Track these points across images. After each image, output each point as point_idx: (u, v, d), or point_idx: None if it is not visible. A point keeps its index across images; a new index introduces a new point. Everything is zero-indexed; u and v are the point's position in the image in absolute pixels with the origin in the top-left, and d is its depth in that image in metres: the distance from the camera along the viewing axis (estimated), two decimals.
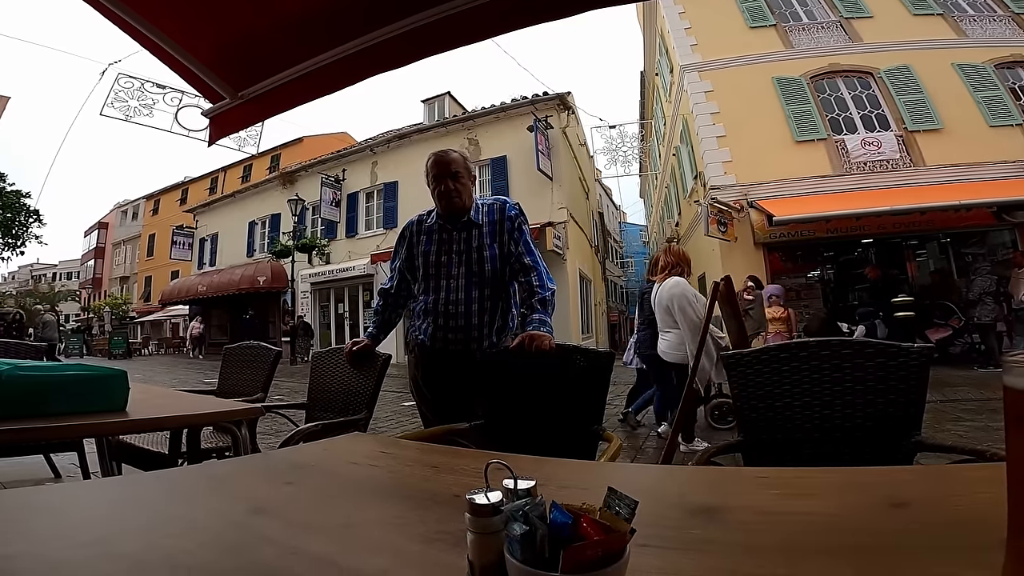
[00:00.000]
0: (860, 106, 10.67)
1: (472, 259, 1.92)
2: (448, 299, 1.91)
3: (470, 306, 1.89)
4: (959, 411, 4.54)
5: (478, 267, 1.91)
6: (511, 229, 1.95)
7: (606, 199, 30.30)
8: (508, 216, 1.96)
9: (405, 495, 0.82)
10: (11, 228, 19.97)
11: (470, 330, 1.89)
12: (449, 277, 1.93)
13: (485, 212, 1.98)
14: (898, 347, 1.30)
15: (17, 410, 1.26)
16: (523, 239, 1.96)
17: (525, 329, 1.79)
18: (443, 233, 1.98)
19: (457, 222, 1.96)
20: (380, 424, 4.97)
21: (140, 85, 8.65)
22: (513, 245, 1.94)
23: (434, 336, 1.92)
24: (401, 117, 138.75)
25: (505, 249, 1.94)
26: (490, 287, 1.92)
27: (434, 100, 17.59)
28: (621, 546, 0.41)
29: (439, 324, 1.91)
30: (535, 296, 1.86)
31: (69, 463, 2.67)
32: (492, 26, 1.47)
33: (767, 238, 9.90)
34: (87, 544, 0.59)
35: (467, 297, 1.90)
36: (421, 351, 1.98)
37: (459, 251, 1.94)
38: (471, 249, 1.92)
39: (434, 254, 1.97)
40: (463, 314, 1.89)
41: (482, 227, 1.95)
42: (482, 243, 1.93)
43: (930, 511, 0.67)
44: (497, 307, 1.94)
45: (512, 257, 1.94)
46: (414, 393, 2.07)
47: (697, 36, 11.85)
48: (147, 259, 31.20)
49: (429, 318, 1.94)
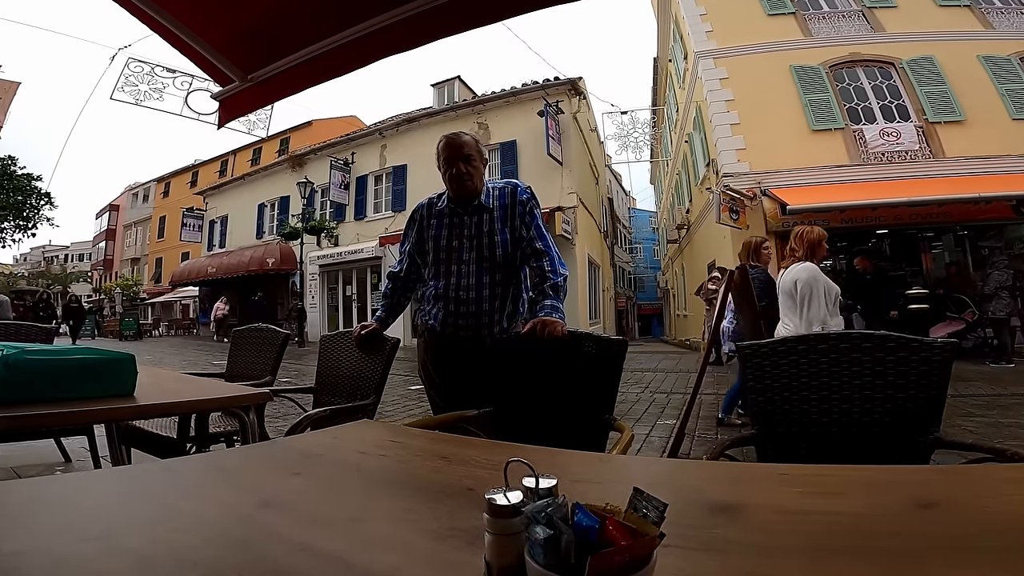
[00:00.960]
0: (880, 96, 10.43)
1: (483, 244, 1.89)
2: (459, 284, 1.89)
3: (481, 292, 1.87)
4: (970, 406, 4.48)
5: (489, 252, 1.88)
6: (522, 213, 1.92)
7: (616, 185, 30.09)
8: (519, 200, 1.93)
9: (416, 487, 0.81)
10: (23, 211, 20.19)
11: (481, 316, 1.87)
12: (460, 262, 1.90)
13: (496, 195, 1.95)
14: (920, 341, 1.27)
15: (24, 395, 1.25)
16: (535, 223, 1.93)
17: (535, 314, 1.77)
18: (454, 217, 1.95)
19: (468, 206, 1.93)
20: (387, 408, 4.99)
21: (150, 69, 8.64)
22: (524, 229, 1.91)
23: (444, 322, 1.90)
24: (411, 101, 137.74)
25: (516, 233, 1.91)
26: (501, 272, 1.90)
27: (444, 84, 17.44)
28: (648, 551, 0.39)
29: (449, 310, 1.90)
30: (547, 281, 1.83)
31: (79, 447, 2.70)
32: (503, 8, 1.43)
33: (780, 227, 9.76)
34: (93, 538, 0.58)
35: (478, 283, 1.87)
36: (431, 336, 1.96)
37: (470, 236, 1.91)
38: (482, 234, 1.90)
39: (444, 239, 1.94)
40: (474, 300, 1.87)
41: (493, 211, 1.92)
42: (493, 227, 1.90)
43: (958, 512, 0.66)
44: (508, 292, 1.91)
45: (524, 241, 1.91)
46: (423, 378, 2.06)
47: (713, 23, 11.60)
48: (158, 241, 31.40)
49: (440, 303, 1.92)
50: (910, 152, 9.76)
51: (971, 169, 9.23)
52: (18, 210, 20.05)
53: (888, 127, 10.04)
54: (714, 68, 11.21)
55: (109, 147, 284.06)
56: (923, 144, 9.78)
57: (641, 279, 34.83)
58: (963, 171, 9.24)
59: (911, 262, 10.08)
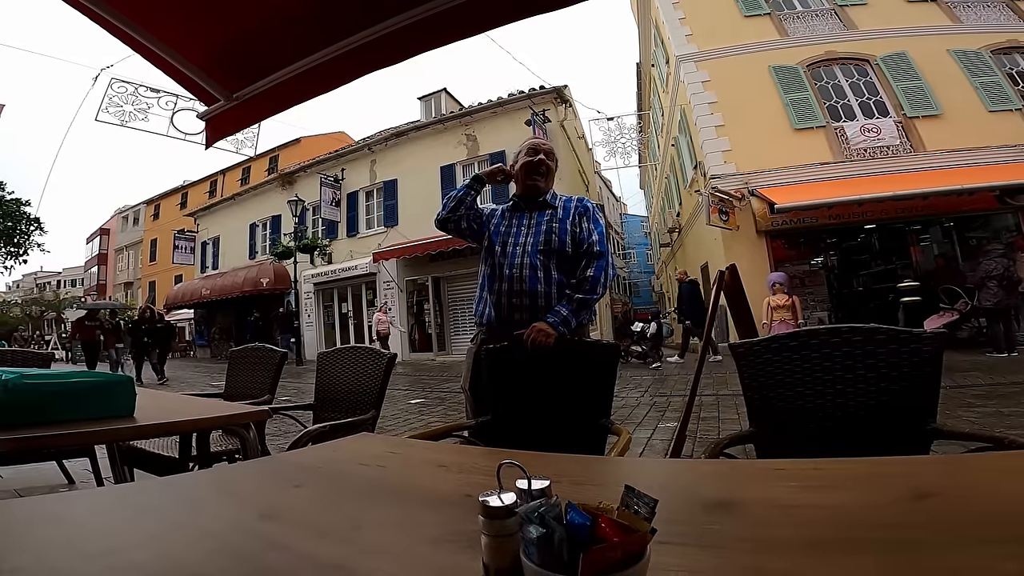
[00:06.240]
0: (858, 93, 10.61)
1: (541, 231, 1.93)
2: (513, 263, 1.90)
3: (535, 273, 1.88)
4: (969, 397, 4.50)
5: (545, 238, 1.91)
6: (590, 218, 1.97)
7: (606, 191, 30.23)
8: (586, 206, 2.00)
9: (415, 496, 0.81)
10: (12, 237, 20.02)
11: (536, 298, 1.87)
12: (516, 245, 1.94)
13: (563, 200, 2.01)
14: (910, 333, 1.28)
15: (24, 418, 1.26)
16: (598, 230, 1.97)
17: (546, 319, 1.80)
18: (516, 210, 2.02)
19: (533, 201, 2.00)
20: (387, 423, 4.96)
21: (134, 89, 8.62)
22: (588, 234, 1.94)
23: (498, 304, 1.92)
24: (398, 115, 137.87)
25: (578, 231, 1.94)
26: (556, 260, 1.91)
27: (430, 97, 17.53)
28: (642, 547, 0.40)
29: (503, 290, 1.91)
30: (580, 291, 1.86)
31: (82, 468, 2.69)
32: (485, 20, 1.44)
33: (769, 226, 9.86)
34: (97, 555, 0.59)
35: (531, 264, 1.89)
36: (488, 331, 1.96)
37: (529, 224, 1.96)
38: (541, 222, 1.95)
39: (504, 226, 2.00)
40: (528, 278, 1.88)
41: (557, 209, 1.97)
42: (552, 222, 1.94)
43: (957, 502, 0.65)
44: (563, 280, 1.91)
45: (584, 244, 1.93)
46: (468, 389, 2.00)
47: (692, 26, 11.79)
48: (150, 264, 31.23)
49: (495, 287, 1.93)
50: (891, 147, 9.91)
51: (952, 162, 9.38)
52: (8, 236, 19.86)
53: (868, 123, 10.20)
54: (696, 71, 11.38)
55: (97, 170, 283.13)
56: (903, 139, 9.94)
57: (636, 284, 34.88)
58: (944, 164, 9.39)
59: (900, 256, 10.17)
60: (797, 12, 11.58)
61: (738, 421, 4.20)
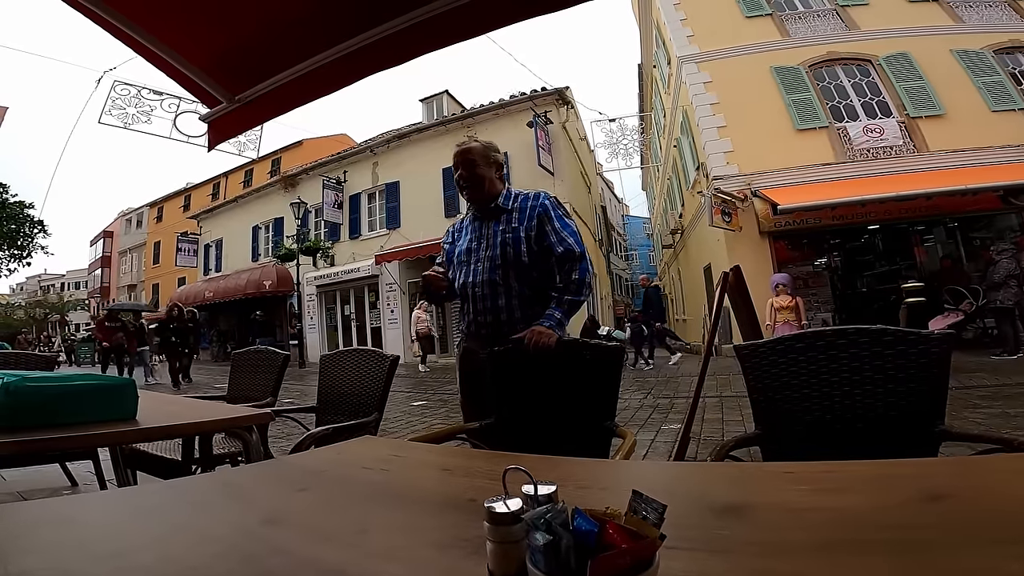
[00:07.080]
0: (860, 93, 10.57)
1: (497, 242, 1.92)
2: (475, 282, 1.92)
3: (495, 288, 1.89)
4: (975, 398, 4.48)
5: (501, 251, 1.90)
6: (544, 215, 1.93)
7: (608, 193, 30.21)
8: (544, 205, 1.96)
9: (419, 500, 0.80)
10: (16, 239, 20.10)
11: (498, 312, 1.88)
12: (476, 261, 1.95)
13: (520, 200, 1.99)
14: (918, 334, 1.27)
15: (26, 420, 1.25)
16: (568, 230, 1.93)
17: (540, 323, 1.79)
18: (475, 222, 2.02)
19: (486, 209, 1.99)
20: (390, 425, 4.96)
21: (137, 92, 8.63)
22: (557, 238, 1.91)
23: (469, 321, 1.96)
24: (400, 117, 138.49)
25: (534, 233, 1.92)
26: (516, 271, 1.90)
27: (432, 99, 17.54)
28: (651, 553, 0.39)
29: (467, 309, 1.95)
30: (569, 293, 1.85)
31: (85, 471, 2.69)
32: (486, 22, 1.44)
33: (772, 227, 9.82)
34: (103, 557, 0.59)
35: (491, 280, 1.89)
36: (467, 340, 1.99)
37: (487, 235, 1.96)
38: (498, 232, 1.94)
39: (466, 242, 2.01)
40: (488, 296, 1.89)
41: (512, 212, 1.96)
42: (509, 227, 1.93)
43: (968, 504, 0.65)
44: (526, 293, 1.90)
45: (558, 248, 1.90)
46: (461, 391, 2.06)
47: (693, 27, 11.76)
48: (153, 266, 31.27)
49: (466, 305, 1.97)
50: (894, 147, 9.87)
51: (955, 162, 9.34)
52: (12, 239, 19.95)
53: (871, 124, 10.16)
54: (697, 72, 11.35)
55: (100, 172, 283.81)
56: (907, 139, 9.89)
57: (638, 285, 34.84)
58: (948, 164, 9.34)
59: (904, 256, 10.13)
60: (798, 13, 11.56)
61: (742, 423, 4.18)
